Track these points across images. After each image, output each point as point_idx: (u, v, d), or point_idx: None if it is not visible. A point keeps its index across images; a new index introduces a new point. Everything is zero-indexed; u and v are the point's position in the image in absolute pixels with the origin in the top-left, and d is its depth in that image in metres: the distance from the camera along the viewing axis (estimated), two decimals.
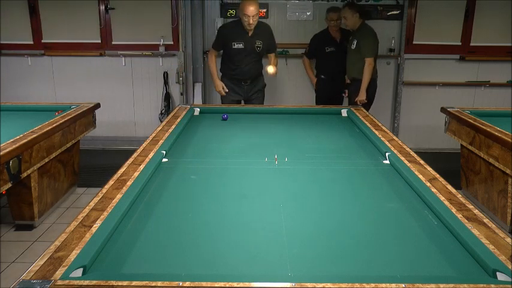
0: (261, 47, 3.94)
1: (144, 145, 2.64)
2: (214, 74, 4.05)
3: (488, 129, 3.19)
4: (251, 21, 3.68)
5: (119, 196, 1.88)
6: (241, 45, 3.84)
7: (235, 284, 1.28)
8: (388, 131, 3.04)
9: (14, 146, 2.67)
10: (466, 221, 1.68)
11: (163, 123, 3.21)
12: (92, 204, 1.81)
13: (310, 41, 4.83)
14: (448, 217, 1.72)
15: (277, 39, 5.27)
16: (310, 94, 5.48)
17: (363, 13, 4.49)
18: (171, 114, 3.53)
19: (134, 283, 1.28)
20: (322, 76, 4.81)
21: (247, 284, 1.29)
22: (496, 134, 3.09)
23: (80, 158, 4.00)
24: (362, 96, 4.38)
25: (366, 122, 3.26)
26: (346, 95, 4.80)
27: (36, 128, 3.07)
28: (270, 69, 4.05)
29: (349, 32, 4.64)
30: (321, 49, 4.71)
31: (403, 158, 2.43)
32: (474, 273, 1.40)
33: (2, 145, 2.67)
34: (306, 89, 5.47)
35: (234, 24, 3.89)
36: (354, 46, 4.43)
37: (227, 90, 4.02)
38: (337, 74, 4.75)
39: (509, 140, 2.94)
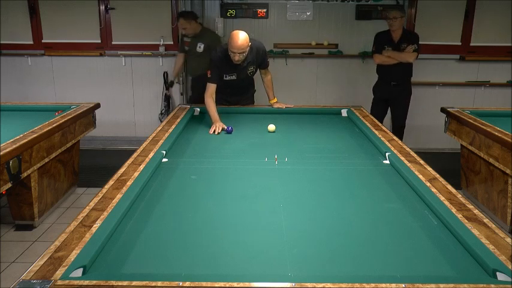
0: (254, 71, 3.58)
1: (144, 145, 2.64)
2: (214, 115, 3.19)
3: (488, 129, 3.19)
4: (237, 58, 3.23)
5: (119, 196, 1.88)
6: (233, 77, 3.48)
7: (235, 284, 1.28)
8: (388, 131, 3.04)
9: (14, 146, 2.67)
10: (466, 221, 1.69)
11: (163, 123, 3.21)
12: (92, 204, 1.81)
13: (374, 39, 4.56)
14: (448, 217, 1.72)
15: (277, 39, 5.31)
16: (310, 94, 5.49)
17: (196, 17, 4.61)
18: (171, 114, 3.54)
19: (134, 283, 1.28)
20: (379, 78, 4.65)
21: (247, 284, 1.29)
22: (496, 134, 3.08)
23: (80, 158, 4.00)
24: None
25: (366, 122, 3.26)
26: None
27: (36, 128, 3.07)
28: (279, 104, 3.72)
29: (410, 33, 4.53)
30: (381, 48, 4.50)
31: (403, 158, 2.43)
32: (474, 273, 1.40)
33: (2, 145, 2.67)
34: (306, 89, 5.48)
35: (224, 55, 3.34)
36: (200, 49, 4.60)
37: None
38: (394, 75, 4.51)
39: (509, 140, 2.94)
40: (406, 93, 4.61)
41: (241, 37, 3.17)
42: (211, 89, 3.35)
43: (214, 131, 3.07)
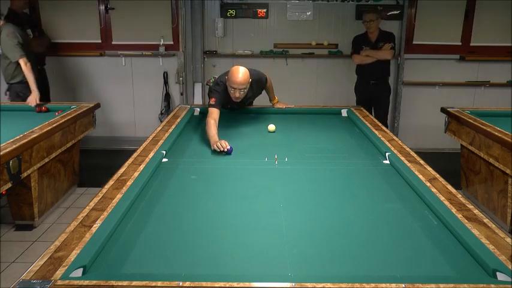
0: (254, 97, 3.59)
1: (144, 145, 2.64)
2: (214, 136, 2.76)
3: (488, 129, 3.19)
4: (237, 95, 3.04)
5: (119, 196, 1.88)
6: (234, 106, 3.42)
7: (235, 284, 1.28)
8: (388, 131, 3.05)
9: (14, 146, 2.67)
10: (466, 221, 1.69)
11: (163, 123, 3.22)
12: (92, 204, 1.81)
13: (352, 41, 4.79)
14: (448, 217, 1.72)
15: (277, 39, 5.31)
16: (310, 94, 5.49)
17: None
18: (171, 114, 3.54)
19: (134, 283, 1.28)
20: (358, 78, 4.89)
21: (247, 284, 1.29)
22: (496, 134, 3.09)
23: (80, 158, 4.00)
24: (34, 95, 3.90)
25: (366, 122, 3.26)
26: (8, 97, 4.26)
27: (36, 128, 3.07)
28: (280, 104, 3.77)
29: (387, 33, 4.67)
30: (359, 49, 4.71)
31: (403, 158, 2.43)
32: (474, 273, 1.40)
33: (2, 145, 2.67)
34: (306, 89, 5.48)
35: (224, 89, 3.14)
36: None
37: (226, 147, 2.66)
38: (372, 74, 4.70)
39: (509, 140, 2.94)
40: (386, 92, 4.84)
41: (241, 72, 3.00)
42: (215, 114, 2.97)
43: (219, 147, 2.62)
